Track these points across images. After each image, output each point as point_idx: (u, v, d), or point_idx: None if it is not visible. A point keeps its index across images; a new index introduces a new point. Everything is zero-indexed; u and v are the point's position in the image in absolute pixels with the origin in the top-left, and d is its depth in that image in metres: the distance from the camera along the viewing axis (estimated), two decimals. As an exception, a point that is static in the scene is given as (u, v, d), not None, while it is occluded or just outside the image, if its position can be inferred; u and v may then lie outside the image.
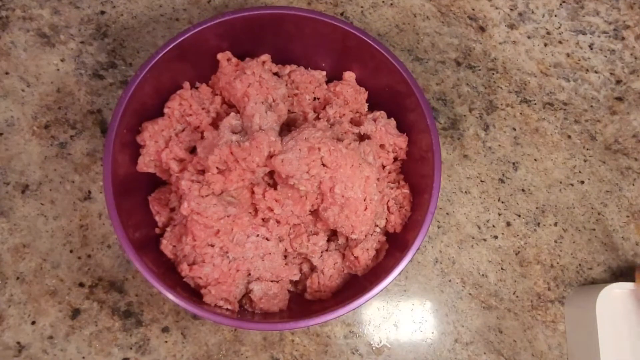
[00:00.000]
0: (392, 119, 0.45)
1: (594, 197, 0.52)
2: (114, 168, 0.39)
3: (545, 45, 0.55)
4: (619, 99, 0.54)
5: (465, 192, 0.51)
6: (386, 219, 0.44)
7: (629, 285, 0.45)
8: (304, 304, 0.43)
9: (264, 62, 0.45)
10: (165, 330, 0.45)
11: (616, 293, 0.45)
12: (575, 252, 0.50)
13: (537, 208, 0.51)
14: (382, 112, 0.46)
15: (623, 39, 0.56)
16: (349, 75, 0.47)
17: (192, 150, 0.43)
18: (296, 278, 0.43)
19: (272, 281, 0.42)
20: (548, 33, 0.56)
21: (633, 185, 0.52)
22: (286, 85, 0.45)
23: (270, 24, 0.44)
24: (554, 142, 0.53)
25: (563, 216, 0.51)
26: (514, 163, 0.52)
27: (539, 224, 0.50)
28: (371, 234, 0.43)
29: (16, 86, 0.49)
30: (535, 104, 0.54)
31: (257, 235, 0.40)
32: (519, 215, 0.51)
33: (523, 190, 0.51)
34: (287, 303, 0.43)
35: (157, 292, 0.45)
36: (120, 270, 0.46)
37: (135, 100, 0.40)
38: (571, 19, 0.56)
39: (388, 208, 0.44)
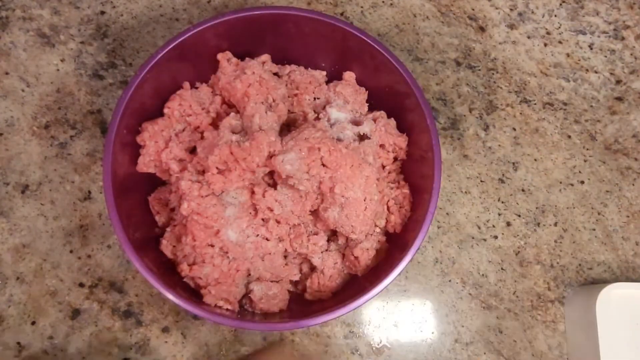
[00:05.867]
0: (392, 119, 0.45)
1: (594, 197, 0.52)
2: (114, 168, 0.39)
3: (545, 45, 0.55)
4: (619, 99, 0.54)
5: (465, 192, 0.51)
6: (386, 219, 0.44)
7: (629, 285, 0.45)
8: (304, 304, 0.43)
9: (264, 62, 0.45)
10: (165, 330, 0.45)
11: (616, 293, 0.45)
12: (575, 252, 0.50)
13: (537, 208, 0.51)
14: (382, 112, 0.45)
15: (623, 39, 0.56)
16: (349, 75, 0.47)
17: (192, 150, 0.43)
18: (296, 278, 0.43)
19: (272, 281, 0.42)
20: (548, 33, 0.56)
21: (633, 185, 0.52)
22: (286, 85, 0.45)
23: (270, 24, 0.44)
24: (554, 142, 0.53)
25: (563, 216, 0.51)
26: (514, 163, 0.52)
27: (539, 224, 0.50)
28: (371, 234, 0.43)
29: (16, 86, 0.49)
30: (535, 104, 0.54)
31: (257, 235, 0.40)
32: (519, 215, 0.51)
33: (523, 190, 0.51)
34: (287, 303, 0.43)
35: (157, 292, 0.45)
36: (120, 270, 0.46)
37: (135, 101, 0.40)
38: (571, 19, 0.56)
39: (388, 208, 0.44)
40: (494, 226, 0.50)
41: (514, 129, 0.53)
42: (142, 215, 0.43)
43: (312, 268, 0.43)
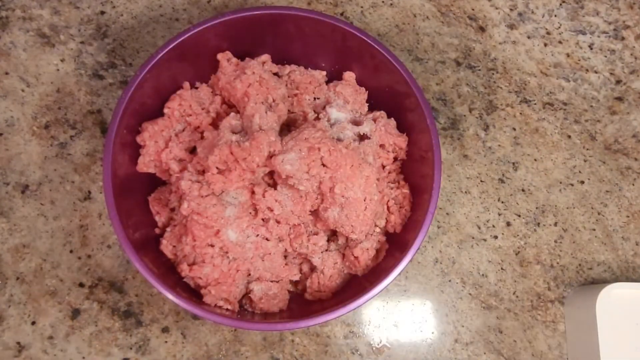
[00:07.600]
0: (392, 119, 0.45)
1: (594, 197, 0.52)
2: (114, 168, 0.39)
3: (545, 45, 0.55)
4: (619, 99, 0.54)
5: (465, 192, 0.51)
6: (386, 219, 0.44)
7: (629, 285, 0.45)
8: (304, 304, 0.43)
9: (264, 62, 0.45)
10: (165, 330, 0.45)
11: (616, 293, 0.45)
12: (575, 252, 0.50)
13: (537, 208, 0.51)
14: (382, 112, 0.45)
15: (623, 39, 0.56)
16: (349, 75, 0.47)
17: (192, 150, 0.43)
18: (296, 278, 0.43)
19: (272, 281, 0.42)
20: (548, 33, 0.56)
21: (633, 185, 0.52)
22: (286, 85, 0.45)
23: (270, 24, 0.44)
24: (554, 142, 0.53)
25: (563, 216, 0.51)
26: (514, 163, 0.52)
27: (539, 224, 0.50)
28: (371, 234, 0.43)
29: (16, 86, 0.49)
30: (535, 104, 0.54)
31: (257, 235, 0.40)
32: (519, 215, 0.51)
33: (523, 190, 0.51)
34: (287, 303, 0.43)
35: (157, 292, 0.45)
36: (120, 270, 0.46)
37: (135, 100, 0.40)
38: (571, 19, 0.56)
39: (388, 208, 0.44)
40: (494, 226, 0.50)
41: (514, 129, 0.53)
42: (142, 215, 0.43)
43: (312, 268, 0.43)
